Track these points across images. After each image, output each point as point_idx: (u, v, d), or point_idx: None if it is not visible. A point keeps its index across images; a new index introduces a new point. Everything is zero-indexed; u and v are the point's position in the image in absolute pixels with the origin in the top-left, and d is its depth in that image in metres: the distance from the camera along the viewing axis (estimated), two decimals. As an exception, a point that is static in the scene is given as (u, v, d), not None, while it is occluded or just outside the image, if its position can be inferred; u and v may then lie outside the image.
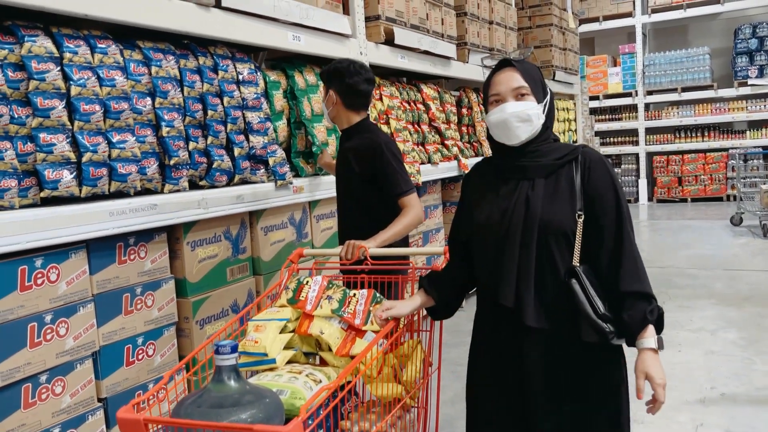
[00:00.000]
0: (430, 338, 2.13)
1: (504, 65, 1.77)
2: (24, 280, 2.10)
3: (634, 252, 1.68)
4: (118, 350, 2.43)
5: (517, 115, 1.70)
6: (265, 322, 2.02)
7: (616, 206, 1.68)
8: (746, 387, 3.42)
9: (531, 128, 1.72)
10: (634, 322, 1.64)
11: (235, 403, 1.54)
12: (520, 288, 1.67)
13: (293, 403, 1.71)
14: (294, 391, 1.76)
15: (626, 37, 12.23)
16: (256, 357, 1.94)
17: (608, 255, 1.67)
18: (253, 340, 1.95)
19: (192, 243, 2.77)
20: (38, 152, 2.17)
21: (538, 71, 1.80)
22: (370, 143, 2.65)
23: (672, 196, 11.53)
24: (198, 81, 2.80)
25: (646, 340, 1.65)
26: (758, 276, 5.77)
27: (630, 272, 1.66)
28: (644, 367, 1.64)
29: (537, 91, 1.74)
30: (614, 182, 1.71)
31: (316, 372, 1.88)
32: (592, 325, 1.63)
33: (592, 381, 1.71)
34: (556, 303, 1.67)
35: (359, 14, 3.85)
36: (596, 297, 1.64)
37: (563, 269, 1.67)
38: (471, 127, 5.59)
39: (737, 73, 10.93)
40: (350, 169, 2.68)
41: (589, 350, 1.68)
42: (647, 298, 1.65)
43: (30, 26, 2.21)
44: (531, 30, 7.36)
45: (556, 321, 1.67)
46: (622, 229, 1.67)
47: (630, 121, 11.88)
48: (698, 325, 4.48)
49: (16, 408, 2.08)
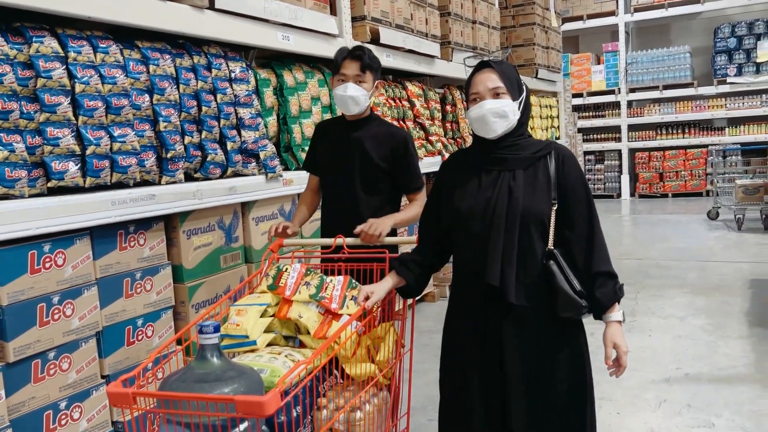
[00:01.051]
0: (402, 322, 2.30)
1: (483, 66, 1.95)
2: (33, 263, 2.27)
3: (601, 237, 1.91)
4: (119, 331, 2.60)
5: (494, 112, 1.89)
6: (246, 306, 2.15)
7: (586, 197, 1.91)
8: (709, 368, 3.64)
9: (507, 123, 1.91)
10: (606, 298, 1.86)
11: (218, 379, 1.64)
12: (505, 269, 1.86)
13: (272, 380, 1.83)
14: (273, 370, 1.90)
15: (609, 36, 12.47)
16: (238, 339, 2.07)
17: (581, 240, 1.89)
18: (235, 323, 2.08)
19: (188, 231, 2.94)
20: (45, 145, 2.33)
21: (515, 71, 1.99)
22: (396, 133, 2.70)
23: (653, 191, 11.81)
24: (193, 79, 2.97)
25: (614, 314, 1.88)
26: (729, 267, 6.01)
27: (600, 255, 1.88)
28: (612, 336, 1.87)
29: (513, 90, 1.92)
30: (582, 175, 1.94)
31: (294, 353, 2.01)
32: (569, 300, 1.84)
33: (562, 351, 1.91)
34: (534, 283, 1.87)
35: (346, 14, 4.02)
36: (572, 276, 1.86)
37: (541, 253, 1.87)
38: (455, 124, 5.78)
39: (717, 71, 11.21)
40: (367, 156, 2.64)
41: (559, 324, 1.89)
42: (613, 277, 1.88)
43: (37, 27, 2.37)
44: (514, 29, 7.55)
45: (534, 299, 1.87)
46: (592, 217, 1.90)
47: (613, 118, 12.13)
48: (669, 312, 4.71)
49: (27, 382, 2.24)
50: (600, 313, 1.89)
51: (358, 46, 2.64)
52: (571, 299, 1.84)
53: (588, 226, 1.90)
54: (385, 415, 2.16)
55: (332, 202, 2.79)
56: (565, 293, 1.84)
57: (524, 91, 1.97)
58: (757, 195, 7.79)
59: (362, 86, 2.59)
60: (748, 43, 10.93)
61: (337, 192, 2.73)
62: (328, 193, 2.80)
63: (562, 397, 1.91)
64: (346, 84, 2.57)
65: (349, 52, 2.60)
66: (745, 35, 10.94)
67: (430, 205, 2.13)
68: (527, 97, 1.98)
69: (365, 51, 2.60)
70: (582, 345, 1.96)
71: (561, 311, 1.86)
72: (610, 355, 1.88)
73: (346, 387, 2.14)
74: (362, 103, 2.60)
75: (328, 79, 3.97)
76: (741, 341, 4.02)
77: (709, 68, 11.59)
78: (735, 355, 3.80)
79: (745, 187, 7.91)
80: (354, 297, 2.16)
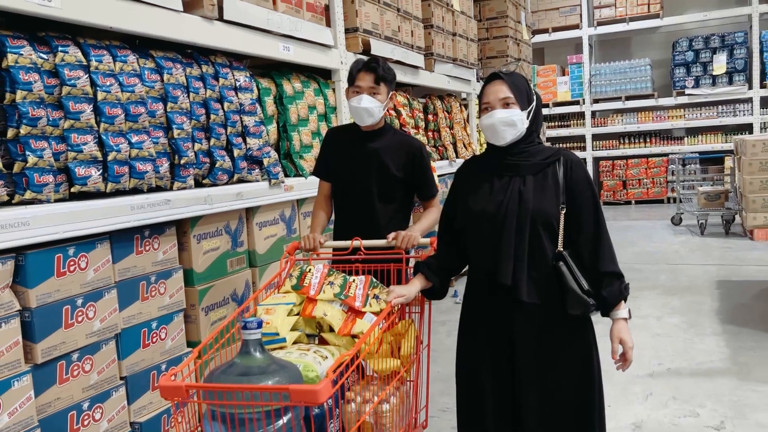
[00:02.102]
0: (420, 319, 2.43)
1: (494, 78, 2.09)
2: (59, 266, 2.32)
3: (608, 239, 2.05)
4: (136, 333, 2.66)
5: (503, 121, 2.03)
6: (274, 306, 2.26)
7: (593, 201, 2.04)
8: (688, 362, 3.86)
9: (516, 131, 2.04)
10: (612, 296, 2.00)
11: (262, 372, 1.74)
12: (516, 269, 1.99)
13: (306, 374, 1.95)
14: (306, 365, 2.01)
15: (574, 48, 12.88)
16: (269, 336, 2.17)
17: (588, 241, 2.02)
18: (265, 321, 2.19)
19: (198, 236, 3.01)
20: (69, 151, 2.39)
21: (525, 82, 2.12)
22: (412, 143, 2.80)
23: (617, 198, 12.21)
24: (201, 87, 3.05)
25: (620, 311, 2.02)
26: (696, 269, 6.32)
27: (606, 256, 2.02)
28: (618, 333, 2.02)
29: (522, 100, 2.05)
30: (590, 181, 2.07)
31: (321, 349, 2.13)
32: (578, 299, 1.98)
33: (571, 346, 2.05)
34: (545, 281, 2.00)
35: (340, 26, 4.15)
36: (581, 276, 1.99)
37: (550, 253, 2.01)
38: (436, 132, 5.95)
39: (675, 83, 11.68)
40: (384, 167, 2.72)
41: (569, 321, 2.02)
42: (620, 277, 2.03)
43: (61, 37, 2.43)
44: (488, 41, 7.79)
45: (544, 296, 2.00)
46: (599, 220, 2.04)
47: (578, 128, 12.51)
48: (646, 312, 4.94)
49: (52, 383, 2.29)
50: (607, 311, 2.03)
51: (373, 57, 2.75)
52: (579, 298, 1.98)
53: (595, 229, 2.03)
54: (408, 407, 2.27)
55: (347, 211, 2.84)
56: (574, 292, 1.98)
57: (534, 100, 2.09)
58: (718, 201, 8.17)
59: (376, 98, 2.68)
60: (704, 57, 11.42)
61: (353, 201, 2.79)
62: (343, 201, 2.85)
63: (571, 391, 2.04)
64: (361, 96, 2.67)
65: (364, 64, 2.70)
66: (702, 49, 11.44)
67: (447, 210, 2.25)
68: (538, 106, 2.11)
69: (380, 63, 2.71)
70: (591, 340, 2.09)
71: (570, 309, 1.99)
72: (616, 350, 2.02)
73: (370, 381, 2.25)
74: (376, 115, 2.70)
75: (324, 89, 4.08)
76: (715, 338, 4.26)
77: (669, 80, 12.07)
78: (711, 350, 4.03)
79: (707, 193, 8.28)
80: (376, 295, 2.27)
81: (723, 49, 11.26)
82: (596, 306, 2.01)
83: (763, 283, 5.58)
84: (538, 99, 2.13)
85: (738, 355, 3.93)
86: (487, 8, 7.74)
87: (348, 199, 2.83)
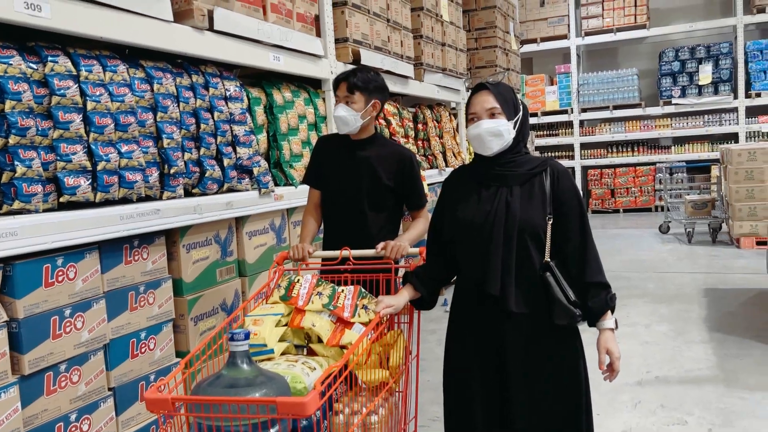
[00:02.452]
0: (409, 329, 2.43)
1: (480, 88, 2.11)
2: (48, 277, 2.30)
3: (594, 249, 2.06)
4: (124, 343, 2.64)
5: (489, 131, 2.04)
6: (262, 316, 2.25)
7: (579, 211, 2.05)
8: (677, 370, 3.89)
9: (502, 142, 2.06)
10: (598, 307, 2.01)
11: (249, 384, 1.73)
12: (504, 279, 2.00)
13: (294, 386, 1.93)
14: (294, 376, 2.00)
15: (562, 58, 12.99)
16: (257, 348, 2.16)
17: (575, 251, 2.03)
18: (253, 332, 2.18)
19: (187, 246, 3.00)
20: (58, 161, 2.38)
21: (511, 92, 2.13)
22: (403, 153, 2.82)
23: (606, 207, 12.29)
24: (192, 97, 3.05)
25: (606, 322, 2.03)
26: (684, 277, 6.37)
27: (593, 266, 2.03)
28: (605, 343, 2.03)
29: (508, 110, 2.07)
30: (576, 191, 2.08)
31: (310, 360, 2.12)
32: (565, 310, 1.98)
33: (559, 355, 2.06)
34: (533, 291, 2.01)
35: (330, 37, 4.17)
36: (567, 287, 2.00)
37: (538, 263, 2.01)
38: (426, 142, 5.97)
39: (662, 93, 11.80)
40: (375, 176, 2.75)
41: (556, 330, 2.03)
42: (606, 288, 2.03)
43: (51, 47, 2.42)
44: (477, 51, 7.84)
45: (532, 306, 2.01)
46: (585, 230, 2.04)
47: (566, 137, 12.60)
48: (634, 320, 4.97)
49: (39, 394, 2.27)
50: (593, 321, 2.04)
51: (350, 69, 2.79)
52: (566, 308, 1.99)
53: (581, 239, 2.04)
54: (397, 419, 2.27)
55: (335, 220, 2.86)
56: (561, 303, 1.99)
57: (521, 111, 2.10)
58: (705, 210, 8.25)
59: (351, 107, 2.70)
60: (690, 67, 11.56)
61: (343, 209, 2.81)
62: (333, 210, 2.86)
63: (559, 400, 2.05)
64: (338, 105, 2.72)
65: (339, 74, 2.77)
66: (688, 59, 11.57)
67: (435, 220, 2.26)
68: (525, 116, 2.12)
69: (354, 72, 2.75)
70: (578, 350, 2.10)
71: (557, 319, 2.00)
72: (603, 361, 2.04)
73: (359, 393, 2.25)
74: (351, 123, 2.71)
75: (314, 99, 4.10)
76: (703, 345, 4.29)
77: (655, 90, 12.20)
78: (699, 358, 4.07)
79: (694, 202, 8.36)
80: (365, 306, 2.27)
81: (708, 60, 11.40)
82: (582, 316, 2.02)
83: (749, 291, 5.63)
84: (525, 109, 2.14)
85: (725, 362, 3.96)
86: (476, 19, 7.80)
87: (336, 207, 2.84)
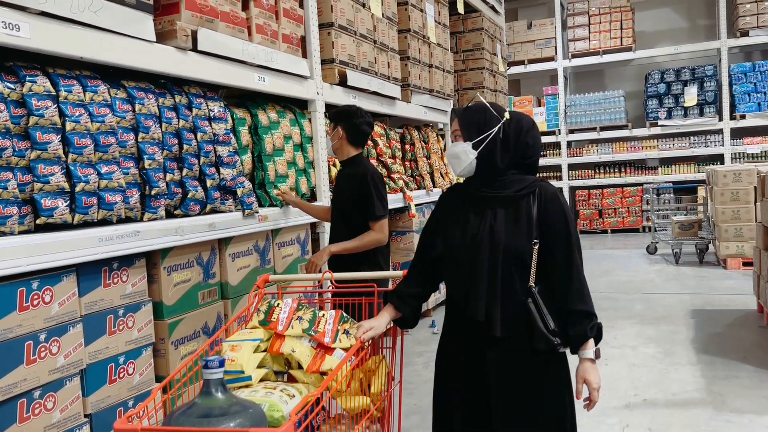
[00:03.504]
0: (392, 354, 2.39)
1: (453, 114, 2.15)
2: (22, 300, 2.25)
3: (581, 276, 2.01)
4: (102, 368, 2.58)
5: (450, 154, 2.08)
6: (240, 342, 2.19)
7: (566, 236, 1.99)
8: (664, 393, 3.86)
9: (461, 163, 2.03)
10: (578, 336, 1.98)
11: (223, 413, 1.67)
12: (489, 304, 1.97)
13: (272, 414, 1.87)
14: (271, 404, 1.94)
15: (549, 80, 13.10)
16: (234, 375, 2.10)
17: (559, 277, 1.99)
18: (230, 359, 2.11)
19: (168, 268, 2.96)
20: (36, 182, 2.34)
21: (477, 115, 2.05)
22: (360, 172, 3.27)
23: (593, 227, 12.32)
24: (174, 117, 3.02)
25: (586, 352, 1.99)
26: (671, 298, 6.36)
27: (577, 293, 1.99)
28: (583, 373, 1.99)
29: (470, 131, 2.03)
30: (566, 215, 2.03)
31: (289, 387, 2.07)
32: (543, 338, 1.96)
33: (543, 381, 2.02)
34: (518, 316, 1.98)
35: (316, 58, 4.16)
36: (548, 315, 1.96)
37: (520, 288, 1.98)
38: (413, 162, 5.97)
39: (649, 114, 11.91)
40: (342, 192, 3.30)
41: (541, 355, 1.99)
42: (589, 316, 1.99)
43: (29, 66, 2.40)
44: (465, 73, 7.89)
45: (516, 331, 1.98)
46: (571, 257, 1.99)
47: (554, 158, 12.66)
48: (621, 341, 4.95)
49: (12, 422, 2.20)
50: (573, 349, 2.01)
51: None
52: (544, 336, 1.95)
53: (566, 265, 1.99)
54: (379, 445, 2.23)
55: (330, 233, 3.49)
56: (540, 330, 1.96)
57: (486, 132, 2.01)
58: (692, 230, 8.28)
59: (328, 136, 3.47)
60: (676, 89, 11.69)
61: (332, 224, 3.44)
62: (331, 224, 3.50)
63: (543, 426, 2.02)
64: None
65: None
66: (674, 81, 11.70)
67: (426, 234, 2.22)
68: (507, 134, 2.02)
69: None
70: (563, 375, 2.06)
71: (536, 344, 1.97)
72: (580, 391, 2.01)
73: (339, 420, 2.20)
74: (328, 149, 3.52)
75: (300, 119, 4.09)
76: (690, 367, 4.27)
77: (642, 111, 12.31)
78: (686, 380, 4.04)
79: (681, 223, 8.40)
80: (346, 331, 2.23)
81: (694, 82, 11.53)
82: (562, 344, 1.99)
83: (737, 312, 5.63)
84: (514, 125, 2.04)
85: (713, 384, 3.93)
86: (464, 41, 7.86)
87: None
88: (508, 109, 2.14)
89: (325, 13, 4.30)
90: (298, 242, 4.00)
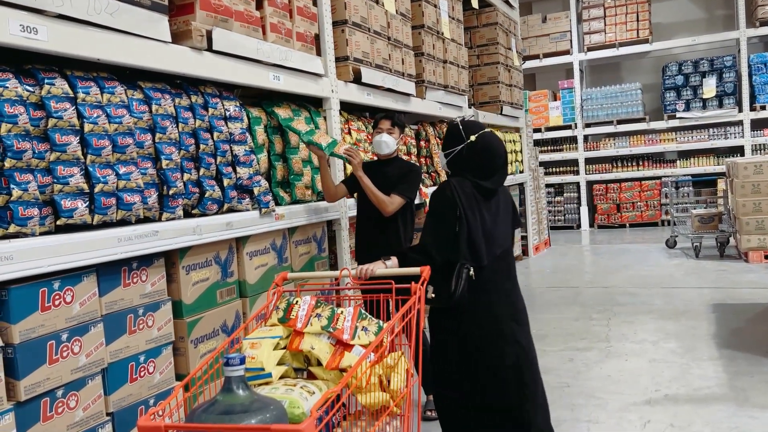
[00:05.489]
0: (411, 351, 2.39)
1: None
2: (44, 301, 2.28)
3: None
4: (123, 367, 2.61)
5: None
6: (260, 339, 2.21)
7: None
8: (686, 389, 3.81)
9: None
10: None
11: (245, 410, 1.68)
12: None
13: (292, 411, 1.88)
14: (292, 401, 1.95)
15: (565, 73, 13.01)
16: (254, 372, 2.12)
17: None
18: (250, 356, 2.13)
19: (186, 267, 2.97)
20: (56, 184, 2.37)
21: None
22: (411, 164, 3.84)
23: (611, 222, 12.22)
24: (191, 117, 3.04)
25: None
26: (691, 293, 6.29)
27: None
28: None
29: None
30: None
31: (309, 384, 2.08)
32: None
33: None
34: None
35: (330, 55, 4.16)
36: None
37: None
38: (429, 158, 5.95)
39: (666, 107, 11.78)
40: (389, 179, 3.57)
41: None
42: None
43: (47, 69, 2.42)
44: (479, 68, 7.86)
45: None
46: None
47: (570, 152, 12.57)
48: (641, 337, 4.90)
49: (36, 421, 2.23)
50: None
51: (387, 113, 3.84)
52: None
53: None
54: (398, 442, 2.22)
55: (365, 229, 3.68)
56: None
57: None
58: (712, 224, 8.18)
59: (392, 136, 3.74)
60: (694, 81, 11.55)
61: (368, 219, 3.64)
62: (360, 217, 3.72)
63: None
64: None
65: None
66: (691, 73, 11.56)
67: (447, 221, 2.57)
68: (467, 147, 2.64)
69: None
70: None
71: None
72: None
73: (359, 417, 2.20)
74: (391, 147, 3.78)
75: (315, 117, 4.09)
76: (712, 363, 4.22)
77: (659, 104, 12.18)
78: (708, 376, 3.99)
79: (700, 216, 8.30)
80: (365, 327, 2.23)
81: (712, 73, 11.38)
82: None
83: (758, 306, 5.55)
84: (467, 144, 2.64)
85: (735, 380, 3.88)
86: (478, 36, 7.82)
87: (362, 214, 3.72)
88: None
89: (339, 11, 4.30)
90: (314, 240, 4.01)
